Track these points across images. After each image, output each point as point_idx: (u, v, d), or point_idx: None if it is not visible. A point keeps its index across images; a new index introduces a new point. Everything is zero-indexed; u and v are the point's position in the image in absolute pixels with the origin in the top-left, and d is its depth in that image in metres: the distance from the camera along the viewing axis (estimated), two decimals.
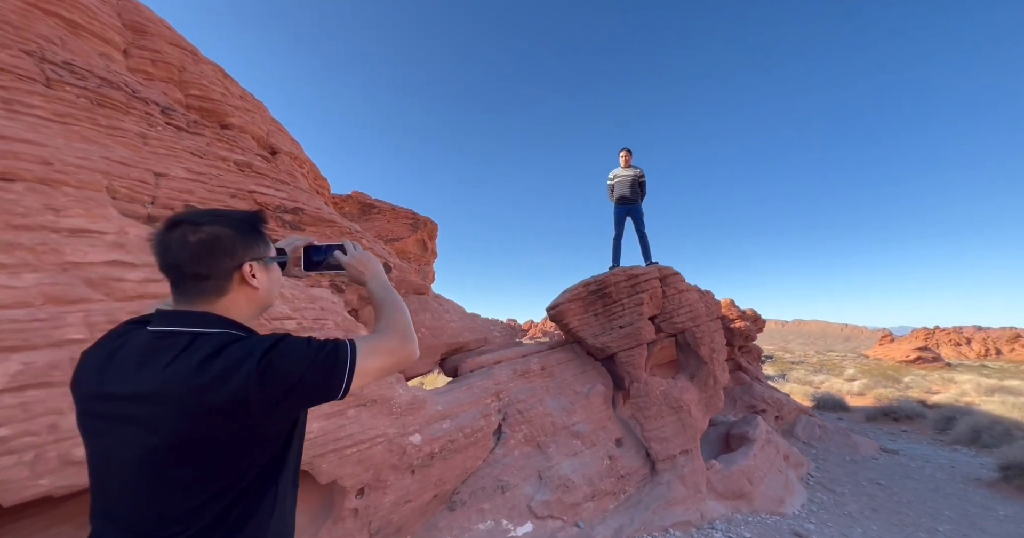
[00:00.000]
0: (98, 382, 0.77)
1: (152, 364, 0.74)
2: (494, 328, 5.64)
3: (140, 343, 0.79)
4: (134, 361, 0.76)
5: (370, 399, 3.14)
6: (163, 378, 0.72)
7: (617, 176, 5.57)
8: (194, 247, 0.79)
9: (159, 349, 0.76)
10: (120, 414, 0.73)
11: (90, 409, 0.77)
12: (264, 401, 0.74)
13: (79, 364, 0.82)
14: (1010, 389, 15.50)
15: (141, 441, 0.71)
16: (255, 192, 3.47)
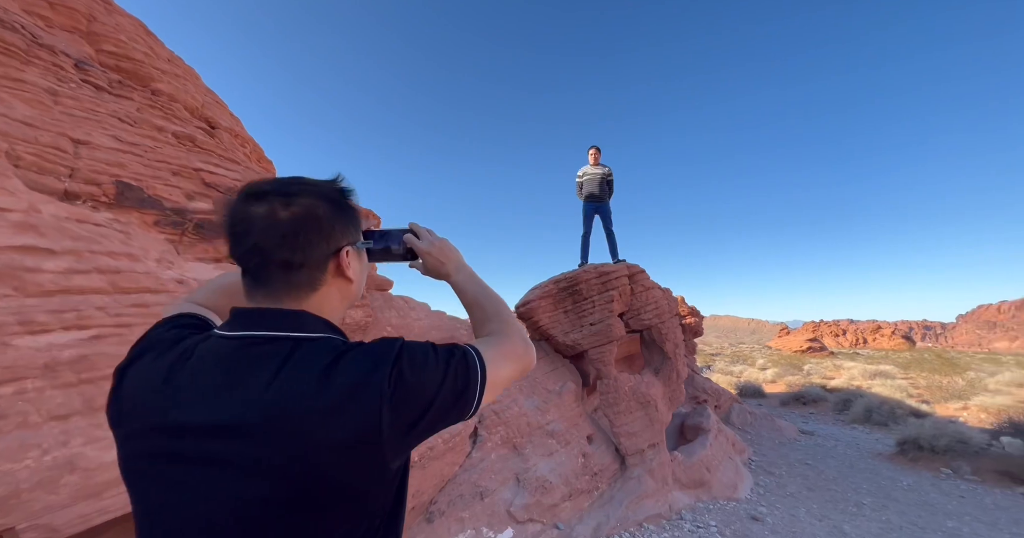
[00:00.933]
0: (161, 410, 0.54)
1: (246, 382, 0.53)
2: (460, 326, 5.42)
3: (217, 353, 0.56)
4: (215, 379, 0.54)
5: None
6: (267, 401, 0.51)
7: (586, 174, 5.58)
8: (286, 226, 0.58)
9: (251, 361, 0.55)
10: (201, 454, 0.51)
11: (150, 448, 0.53)
12: (396, 427, 0.54)
13: (120, 385, 0.58)
14: (886, 373, 18.19)
15: (237, 492, 0.50)
16: (201, 170, 2.95)
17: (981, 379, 15.91)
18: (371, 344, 0.60)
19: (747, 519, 4.18)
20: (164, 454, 0.52)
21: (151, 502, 0.53)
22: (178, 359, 0.57)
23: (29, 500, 1.58)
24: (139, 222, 2.55)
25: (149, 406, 0.55)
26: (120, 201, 2.45)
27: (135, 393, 0.57)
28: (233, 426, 0.51)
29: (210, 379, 0.54)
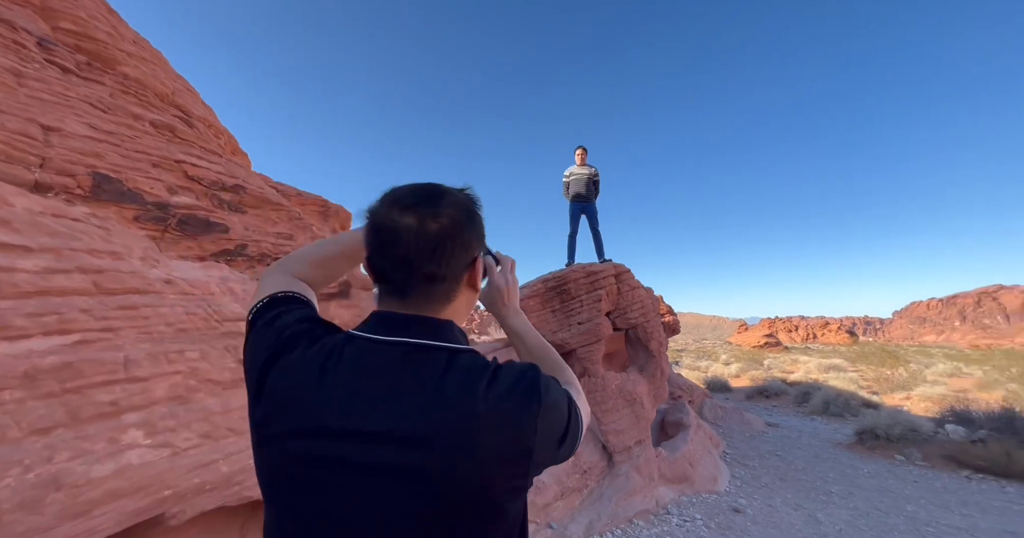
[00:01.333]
0: (319, 412, 0.52)
1: (411, 391, 0.52)
2: None
3: (374, 357, 0.55)
4: (377, 384, 0.53)
5: None
6: (435, 412, 0.51)
7: (573, 174, 5.62)
8: (435, 239, 0.57)
9: (412, 369, 0.54)
10: (364, 461, 0.50)
11: (305, 452, 0.51)
12: (544, 445, 0.55)
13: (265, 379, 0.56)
14: (838, 367, 19.39)
15: (398, 501, 0.49)
16: (184, 162, 2.76)
17: (920, 371, 17.23)
18: (517, 364, 0.60)
19: (729, 511, 4.34)
20: (322, 458, 0.50)
21: (302, 507, 0.50)
22: (328, 358, 0.55)
23: (11, 522, 1.43)
24: (118, 217, 2.37)
25: (306, 407, 0.52)
26: (97, 194, 2.25)
27: (288, 391, 0.54)
28: (400, 434, 0.50)
29: (372, 383, 0.53)
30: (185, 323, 2.09)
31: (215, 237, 2.73)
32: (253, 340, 0.62)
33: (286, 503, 0.52)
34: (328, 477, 0.50)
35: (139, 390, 1.85)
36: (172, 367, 1.97)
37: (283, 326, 0.61)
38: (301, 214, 3.63)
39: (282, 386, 0.54)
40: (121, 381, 1.82)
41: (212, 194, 2.87)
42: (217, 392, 2.11)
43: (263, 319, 0.63)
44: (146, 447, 1.82)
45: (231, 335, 2.28)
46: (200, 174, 2.83)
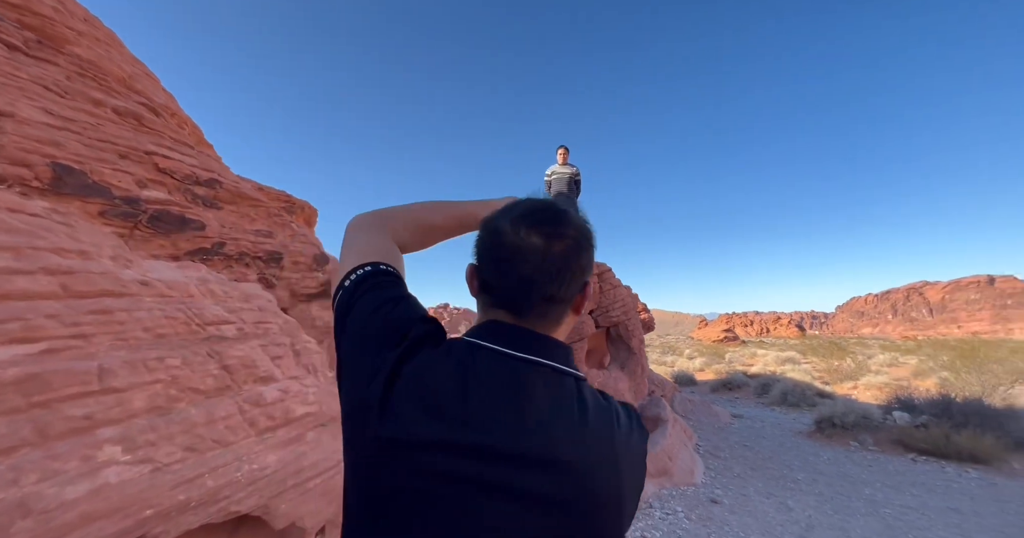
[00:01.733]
0: (452, 425, 0.48)
1: (551, 415, 0.51)
2: (444, 310, 5.26)
3: (506, 373, 0.52)
4: (513, 402, 0.50)
5: (330, 417, 2.62)
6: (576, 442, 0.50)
7: (555, 173, 5.65)
8: (559, 262, 0.56)
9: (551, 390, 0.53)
10: (499, 481, 0.47)
11: (438, 465, 0.47)
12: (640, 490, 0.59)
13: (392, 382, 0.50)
14: (793, 359, 20.59)
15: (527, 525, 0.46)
16: (154, 154, 2.55)
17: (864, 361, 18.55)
18: (623, 403, 0.62)
19: (708, 502, 4.51)
20: (450, 475, 0.47)
21: (424, 523, 0.47)
22: (461, 367, 0.52)
23: None
24: (81, 212, 2.15)
25: (446, 418, 0.48)
26: (58, 187, 2.04)
27: (427, 399, 0.49)
28: (540, 457, 0.48)
29: (507, 401, 0.50)
30: (164, 328, 1.93)
31: (190, 235, 2.53)
32: (362, 321, 0.57)
33: (402, 519, 0.47)
34: (456, 494, 0.46)
35: (115, 402, 1.70)
36: (151, 376, 1.81)
37: (404, 321, 0.56)
38: (280, 210, 3.45)
39: (419, 393, 0.50)
40: (95, 393, 1.66)
41: (186, 189, 2.67)
42: (200, 401, 1.97)
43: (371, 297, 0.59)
44: (125, 464, 1.67)
45: (214, 340, 2.13)
46: (172, 167, 2.62)
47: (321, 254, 3.75)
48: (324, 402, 2.59)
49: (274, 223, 3.33)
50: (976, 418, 7.10)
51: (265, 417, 2.18)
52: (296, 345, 2.70)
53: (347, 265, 0.64)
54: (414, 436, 0.48)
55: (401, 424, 0.49)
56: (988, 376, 10.04)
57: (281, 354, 2.49)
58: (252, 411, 2.13)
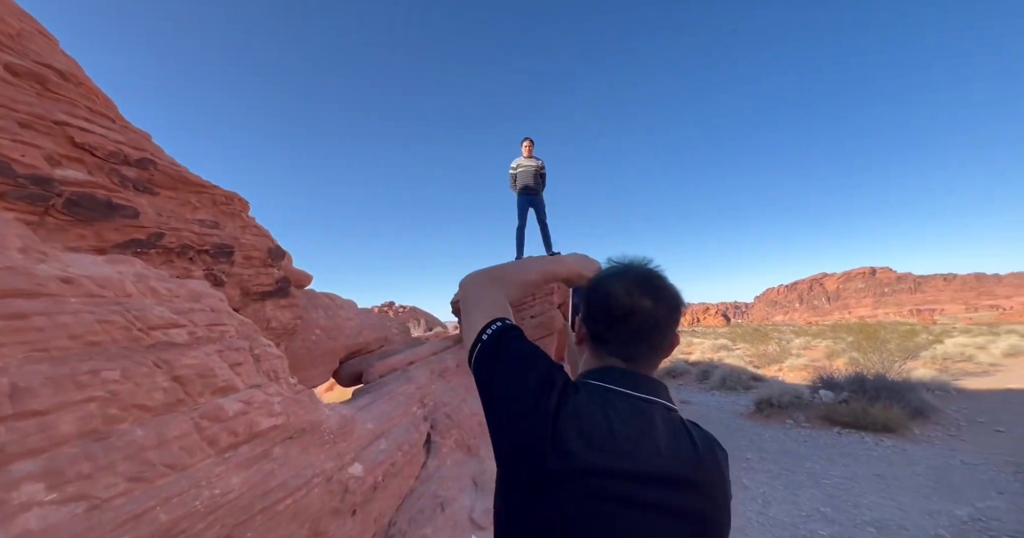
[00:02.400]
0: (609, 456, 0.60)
1: (681, 442, 0.65)
2: (391, 325, 4.96)
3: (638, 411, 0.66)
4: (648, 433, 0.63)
5: (297, 429, 2.35)
6: (697, 464, 0.63)
7: (520, 165, 5.55)
8: (663, 319, 0.73)
9: (670, 424, 0.67)
10: (650, 500, 0.59)
11: (600, 490, 0.58)
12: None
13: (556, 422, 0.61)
14: (727, 347, 22.24)
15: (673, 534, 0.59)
16: (67, 125, 2.10)
17: (785, 346, 20.47)
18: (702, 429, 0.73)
19: None
20: (614, 497, 0.57)
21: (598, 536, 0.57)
22: (605, 407, 0.64)
23: None
24: None
25: (600, 450, 0.59)
26: None
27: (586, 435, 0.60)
28: (677, 478, 0.60)
29: (642, 433, 0.62)
30: (97, 334, 1.59)
31: (120, 224, 2.12)
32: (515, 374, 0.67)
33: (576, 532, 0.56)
34: (618, 512, 0.56)
35: (36, 428, 1.36)
36: (83, 393, 1.48)
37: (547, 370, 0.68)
38: (228, 198, 3.04)
39: (579, 430, 0.60)
40: (7, 418, 1.31)
41: (112, 169, 2.23)
42: (148, 420, 1.65)
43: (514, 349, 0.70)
44: (51, 504, 1.35)
45: (161, 347, 1.80)
46: (93, 142, 2.18)
47: (276, 248, 3.37)
48: (291, 412, 2.31)
49: (221, 212, 2.93)
50: (884, 392, 8.03)
51: (227, 433, 1.89)
52: (255, 349, 2.38)
53: (479, 321, 0.76)
54: (581, 466, 0.58)
55: (571, 457, 0.58)
56: (886, 355, 11.42)
57: (240, 360, 2.18)
58: (211, 428, 1.83)
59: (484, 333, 0.74)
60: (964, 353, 13.92)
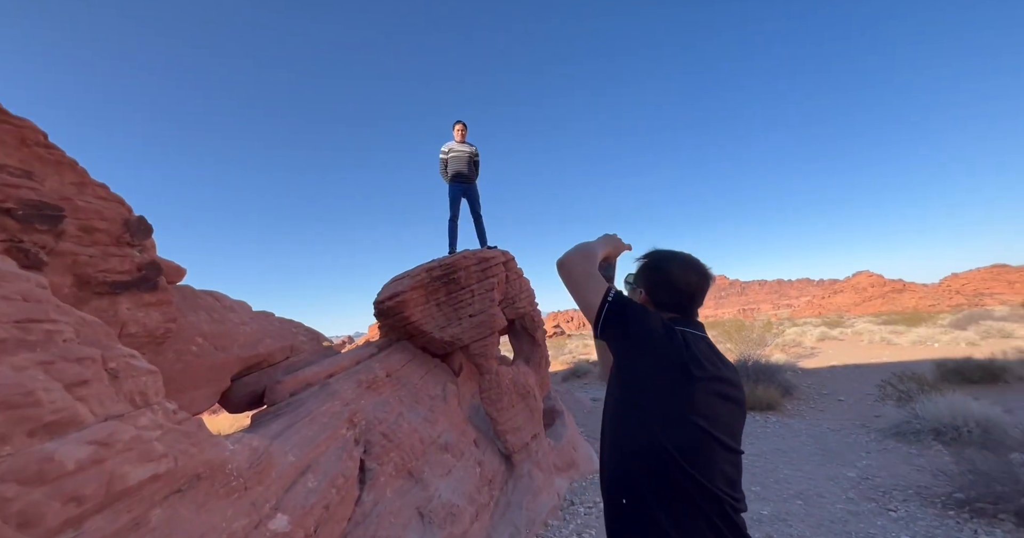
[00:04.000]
0: (713, 368, 1.07)
1: (724, 362, 1.15)
2: (298, 332, 4.02)
3: (708, 344, 1.16)
4: (716, 356, 1.13)
5: (190, 476, 1.57)
6: (735, 371, 1.16)
7: (452, 150, 5.05)
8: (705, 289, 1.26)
9: (716, 350, 1.17)
10: (723, 393, 1.07)
11: (712, 389, 1.05)
12: None
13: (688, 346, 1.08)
14: None
15: (738, 415, 1.11)
16: None
17: None
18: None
19: None
20: (717, 393, 1.05)
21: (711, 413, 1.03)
22: (698, 341, 1.12)
23: None
24: None
25: (710, 365, 1.07)
26: None
27: (700, 357, 1.07)
28: (735, 382, 1.12)
29: (715, 355, 1.13)
30: None
31: None
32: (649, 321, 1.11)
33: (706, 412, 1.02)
34: (719, 402, 1.05)
35: None
36: None
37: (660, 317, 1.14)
38: (41, 138, 2.04)
39: (696, 354, 1.07)
40: None
41: None
42: None
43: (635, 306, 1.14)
44: None
45: None
46: None
47: (137, 220, 2.39)
48: (179, 452, 1.53)
49: (39, 158, 1.94)
50: (761, 375, 9.23)
51: (62, 500, 1.10)
52: (111, 362, 1.54)
53: (599, 287, 1.17)
54: (706, 375, 1.04)
55: (701, 369, 1.05)
56: (747, 345, 13.32)
57: (86, 377, 1.35)
58: (29, 495, 1.03)
59: (608, 297, 1.14)
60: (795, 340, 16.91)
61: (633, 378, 1.10)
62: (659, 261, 1.27)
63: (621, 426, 1.11)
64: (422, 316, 4.29)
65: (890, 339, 14.74)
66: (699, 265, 1.24)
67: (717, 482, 0.99)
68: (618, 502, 1.06)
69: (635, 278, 1.34)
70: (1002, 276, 38.36)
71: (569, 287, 1.23)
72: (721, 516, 0.97)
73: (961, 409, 5.64)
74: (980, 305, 28.93)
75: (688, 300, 1.22)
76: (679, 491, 0.97)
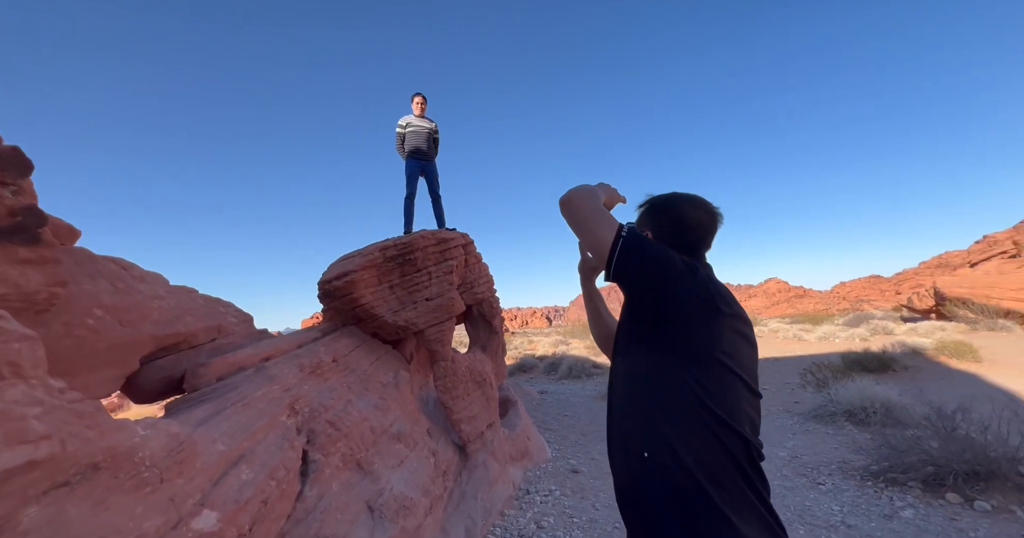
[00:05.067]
0: (735, 305, 1.04)
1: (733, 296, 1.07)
2: (227, 311, 3.50)
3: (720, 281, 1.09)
4: (732, 297, 1.05)
5: (85, 464, 1.22)
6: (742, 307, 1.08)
7: (411, 124, 4.71)
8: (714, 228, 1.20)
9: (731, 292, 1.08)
10: (743, 332, 1.03)
11: (733, 326, 1.01)
12: None
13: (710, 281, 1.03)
14: (564, 342, 24.55)
15: (755, 357, 1.05)
16: None
17: None
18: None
19: (570, 473, 4.50)
20: (738, 332, 1.02)
21: (735, 352, 0.99)
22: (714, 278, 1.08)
23: None
24: None
25: (728, 302, 1.02)
26: None
27: (721, 295, 1.02)
28: (751, 323, 1.06)
29: (728, 292, 1.05)
30: None
31: None
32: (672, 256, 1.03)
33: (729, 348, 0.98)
34: (736, 336, 1.01)
35: None
36: None
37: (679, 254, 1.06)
38: None
39: (718, 292, 1.01)
40: None
41: None
42: None
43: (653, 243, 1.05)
44: None
45: None
46: None
47: (10, 151, 1.90)
48: (68, 434, 1.17)
49: None
50: None
51: None
52: None
53: (610, 223, 1.06)
54: (729, 311, 1.01)
55: (727, 305, 1.01)
56: None
57: None
58: None
59: (622, 232, 1.03)
60: None
61: (653, 316, 1.02)
62: (666, 201, 1.19)
63: (638, 373, 1.03)
64: (374, 298, 3.94)
65: (800, 336, 16.36)
66: (708, 204, 1.17)
67: (744, 424, 0.93)
68: (639, 456, 0.95)
69: (639, 222, 1.24)
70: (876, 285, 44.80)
71: (575, 225, 1.12)
72: (748, 460, 0.90)
73: (868, 393, 6.30)
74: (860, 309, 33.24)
75: (699, 240, 1.15)
76: (707, 434, 0.89)
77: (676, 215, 1.15)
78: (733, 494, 0.85)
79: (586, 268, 1.43)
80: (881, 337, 14.14)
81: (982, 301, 14.24)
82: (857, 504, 3.63)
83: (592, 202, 1.11)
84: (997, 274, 15.62)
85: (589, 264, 1.42)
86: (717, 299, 0.99)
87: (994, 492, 3.48)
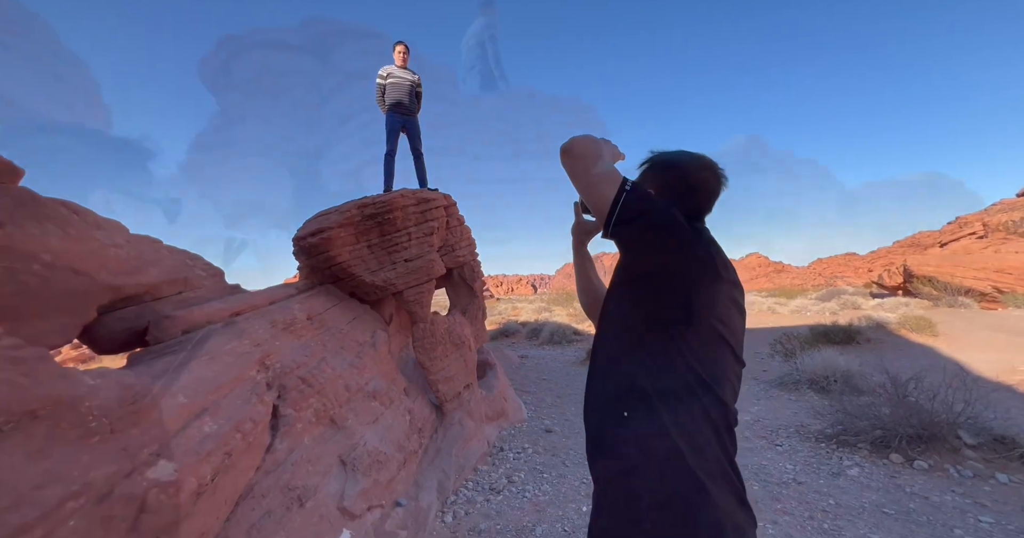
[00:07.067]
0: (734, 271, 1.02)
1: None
2: (195, 264, 3.37)
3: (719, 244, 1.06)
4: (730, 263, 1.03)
5: (21, 412, 1.16)
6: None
7: (392, 76, 4.43)
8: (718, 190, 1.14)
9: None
10: (737, 300, 1.01)
11: (729, 293, 0.98)
12: None
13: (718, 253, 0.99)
14: (548, 309, 24.93)
15: (743, 326, 1.04)
16: None
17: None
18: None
19: (544, 433, 4.65)
20: (733, 299, 0.99)
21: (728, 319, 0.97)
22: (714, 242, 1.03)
23: None
24: None
25: (730, 267, 1.01)
26: None
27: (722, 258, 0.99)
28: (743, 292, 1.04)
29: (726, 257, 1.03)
30: None
31: None
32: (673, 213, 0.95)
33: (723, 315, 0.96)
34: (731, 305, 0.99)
35: None
36: None
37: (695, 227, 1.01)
38: None
39: (720, 256, 0.99)
40: None
41: None
42: None
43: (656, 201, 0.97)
44: None
45: None
46: None
47: None
48: (2, 380, 1.09)
49: None
50: None
51: None
52: None
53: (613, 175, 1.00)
54: (728, 277, 0.98)
55: (726, 272, 0.98)
56: None
57: None
58: None
59: (626, 186, 0.97)
60: None
61: (650, 276, 0.98)
62: (673, 159, 1.12)
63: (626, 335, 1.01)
64: (351, 257, 3.84)
65: (774, 308, 16.89)
66: (716, 166, 1.11)
67: (727, 391, 0.93)
68: (619, 415, 0.95)
69: (642, 179, 1.17)
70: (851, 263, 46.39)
71: (575, 175, 1.04)
72: (725, 426, 0.91)
73: (831, 363, 6.59)
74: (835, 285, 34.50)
75: (704, 202, 1.09)
76: (691, 399, 0.89)
77: (683, 174, 1.09)
78: (709, 460, 0.86)
79: (580, 230, 1.37)
80: (850, 311, 14.70)
81: (946, 279, 14.82)
82: (809, 463, 3.86)
83: (596, 151, 1.04)
84: (963, 254, 16.21)
85: (584, 227, 1.36)
86: (719, 263, 0.95)
87: (933, 453, 3.74)
